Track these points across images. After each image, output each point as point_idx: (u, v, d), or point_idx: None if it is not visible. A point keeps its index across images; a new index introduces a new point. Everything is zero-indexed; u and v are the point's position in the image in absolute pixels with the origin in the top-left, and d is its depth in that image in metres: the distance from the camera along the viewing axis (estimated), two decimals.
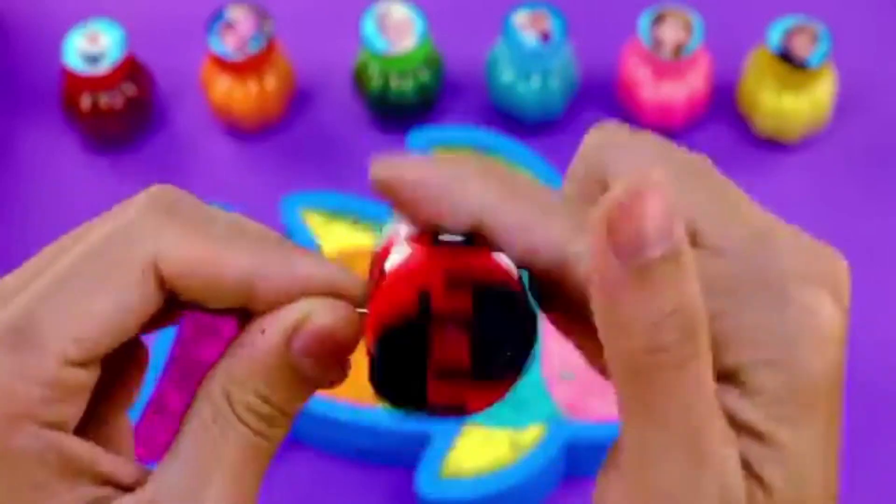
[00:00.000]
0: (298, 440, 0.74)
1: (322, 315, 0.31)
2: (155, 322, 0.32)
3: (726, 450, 0.29)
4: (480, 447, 0.71)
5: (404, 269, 0.31)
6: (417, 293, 0.31)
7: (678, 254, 0.28)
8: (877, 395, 0.76)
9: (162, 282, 0.31)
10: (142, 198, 0.32)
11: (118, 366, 0.33)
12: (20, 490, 0.29)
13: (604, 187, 0.32)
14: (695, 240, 0.31)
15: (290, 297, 0.31)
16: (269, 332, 0.31)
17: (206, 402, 0.32)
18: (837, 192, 0.82)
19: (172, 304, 0.32)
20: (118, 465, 0.31)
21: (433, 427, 0.71)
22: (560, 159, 0.80)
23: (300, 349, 0.31)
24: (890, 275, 0.80)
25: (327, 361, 0.32)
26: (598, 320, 0.29)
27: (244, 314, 0.32)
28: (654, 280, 0.28)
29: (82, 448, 0.30)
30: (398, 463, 0.73)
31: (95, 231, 0.31)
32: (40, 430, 0.30)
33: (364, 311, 0.32)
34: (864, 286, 0.79)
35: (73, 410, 0.30)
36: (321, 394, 0.79)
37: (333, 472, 0.74)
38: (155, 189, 0.32)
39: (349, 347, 0.32)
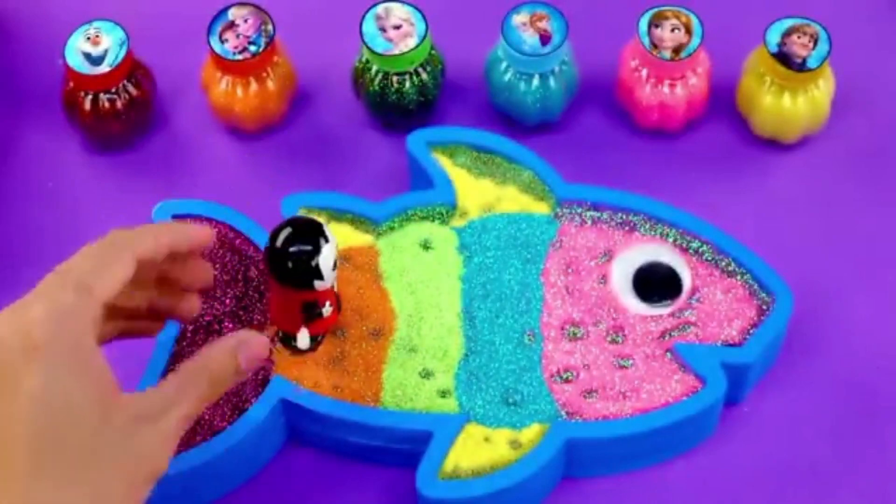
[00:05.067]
0: (298, 440, 0.74)
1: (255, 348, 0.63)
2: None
3: None
4: (480, 447, 0.71)
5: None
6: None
7: None
8: (877, 396, 0.76)
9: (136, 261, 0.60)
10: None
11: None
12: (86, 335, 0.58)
13: None
14: None
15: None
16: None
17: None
18: (836, 193, 0.83)
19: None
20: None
21: (433, 427, 0.71)
22: (560, 159, 0.80)
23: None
24: (889, 274, 0.80)
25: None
26: None
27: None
28: None
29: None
30: (398, 463, 0.73)
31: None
32: (96, 322, 0.59)
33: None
34: (864, 286, 0.80)
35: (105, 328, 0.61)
36: (321, 394, 0.79)
37: (333, 472, 0.74)
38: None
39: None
